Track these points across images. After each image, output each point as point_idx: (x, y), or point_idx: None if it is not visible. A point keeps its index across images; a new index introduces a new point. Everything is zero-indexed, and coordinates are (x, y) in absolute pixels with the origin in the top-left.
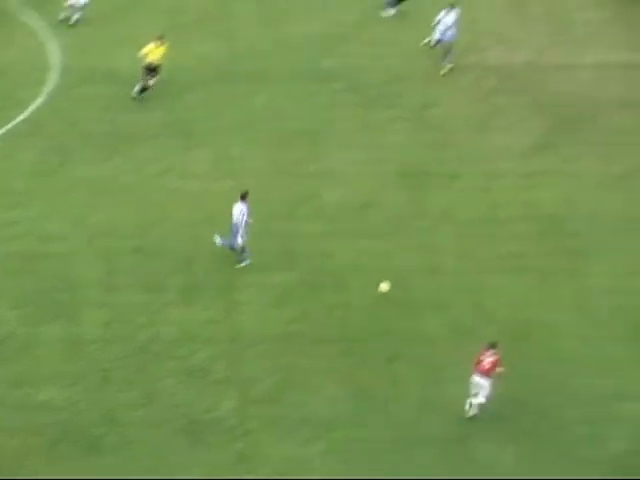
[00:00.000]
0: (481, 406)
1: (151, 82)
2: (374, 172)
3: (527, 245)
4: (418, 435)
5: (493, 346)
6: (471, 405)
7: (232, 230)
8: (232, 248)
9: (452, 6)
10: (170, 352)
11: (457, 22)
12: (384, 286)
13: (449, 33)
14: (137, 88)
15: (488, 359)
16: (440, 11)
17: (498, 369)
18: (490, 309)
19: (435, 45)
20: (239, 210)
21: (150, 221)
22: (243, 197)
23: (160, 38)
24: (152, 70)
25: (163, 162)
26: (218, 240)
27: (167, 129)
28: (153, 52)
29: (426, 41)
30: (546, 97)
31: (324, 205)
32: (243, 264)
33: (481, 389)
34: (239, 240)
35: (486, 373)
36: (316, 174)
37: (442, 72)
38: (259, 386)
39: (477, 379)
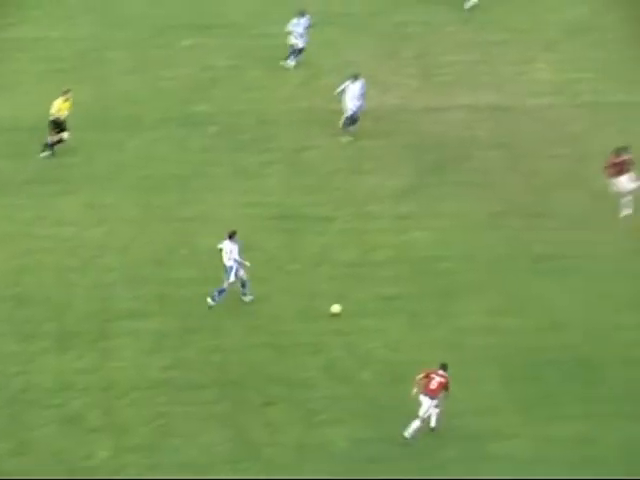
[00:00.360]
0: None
1: (65, 135)
2: (249, 216)
3: (401, 286)
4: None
5: (444, 368)
6: (413, 426)
7: (225, 270)
8: (242, 284)
9: (356, 77)
10: (45, 401)
11: (364, 92)
12: (335, 307)
13: (358, 104)
14: (47, 142)
15: (436, 379)
16: (345, 81)
17: (445, 391)
18: (366, 351)
19: (348, 119)
20: (228, 250)
21: (23, 268)
22: (231, 236)
23: (66, 93)
24: (58, 125)
25: (36, 209)
26: (212, 302)
27: (41, 176)
28: (60, 107)
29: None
30: (418, 139)
31: (199, 250)
32: (248, 298)
33: (425, 408)
34: (232, 278)
35: (432, 393)
36: (190, 219)
37: (344, 140)
38: (135, 433)
39: (423, 399)
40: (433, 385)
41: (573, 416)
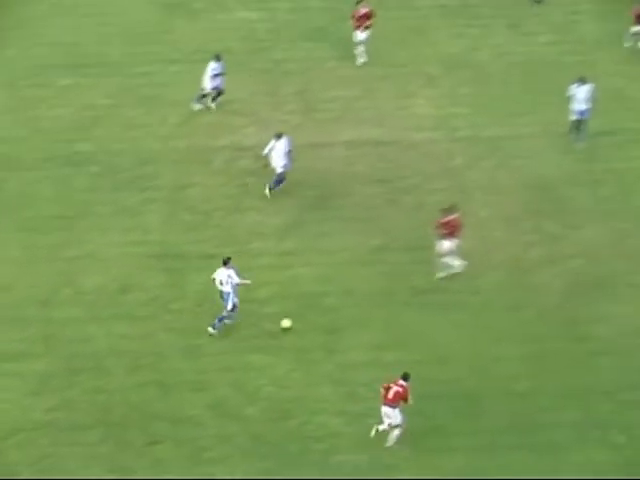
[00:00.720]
0: (397, 437)
1: None
2: (132, 255)
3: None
4: None
5: (405, 378)
6: (377, 430)
7: (223, 298)
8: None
9: (279, 136)
10: None
11: (290, 150)
12: (286, 322)
13: (284, 163)
14: None
15: (394, 389)
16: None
17: (403, 400)
18: (252, 388)
19: (276, 178)
20: (226, 276)
21: None
22: (225, 263)
23: None
24: None
25: None
26: (213, 331)
27: None
28: None
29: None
30: (299, 175)
31: (82, 290)
32: (227, 321)
33: (389, 418)
34: (229, 305)
35: (391, 402)
36: (74, 258)
37: (266, 192)
38: (20, 475)
39: (385, 409)
40: (390, 395)
41: (458, 448)
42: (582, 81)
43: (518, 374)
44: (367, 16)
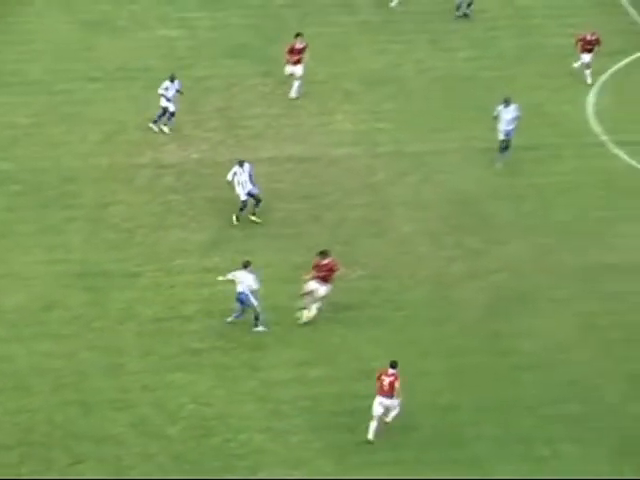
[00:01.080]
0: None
1: None
2: (54, 273)
3: (210, 340)
4: None
5: (393, 366)
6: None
7: (243, 299)
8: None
9: (242, 163)
10: None
11: (252, 176)
12: (306, 313)
13: (249, 188)
14: None
15: (387, 379)
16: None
17: (397, 388)
18: (174, 406)
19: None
20: (252, 278)
21: None
22: (246, 266)
23: None
24: None
25: None
26: (263, 328)
27: None
28: None
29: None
30: (221, 193)
31: (4, 309)
32: (261, 328)
33: (390, 409)
34: (255, 303)
35: (388, 394)
36: None
37: (234, 221)
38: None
39: (382, 400)
40: (386, 385)
41: (383, 463)
42: (507, 102)
43: (441, 388)
44: (302, 51)
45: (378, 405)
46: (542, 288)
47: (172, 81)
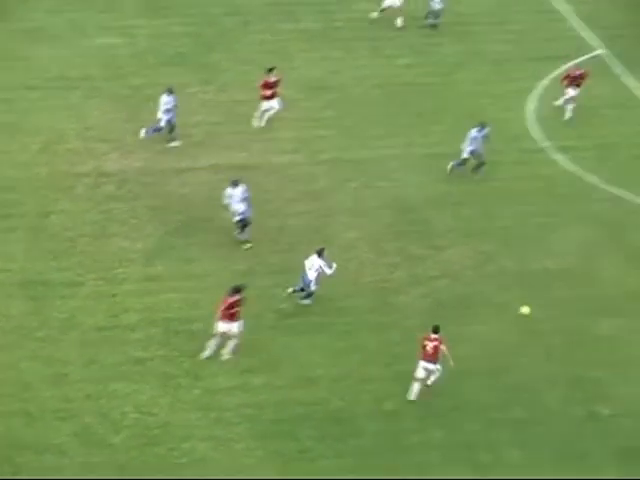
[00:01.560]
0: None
1: None
2: None
3: (153, 349)
4: None
5: (436, 331)
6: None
7: (307, 279)
8: (302, 289)
9: (235, 183)
10: None
11: (247, 197)
12: (525, 309)
13: (243, 209)
14: None
15: (431, 344)
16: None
17: (442, 351)
18: (118, 416)
19: (238, 225)
20: (318, 265)
21: None
22: (320, 253)
23: None
24: None
25: None
26: (291, 289)
27: None
28: None
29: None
30: (163, 201)
31: None
32: (307, 301)
33: (432, 374)
34: (313, 287)
35: (431, 358)
36: None
37: (245, 247)
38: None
39: (425, 365)
40: (430, 349)
41: (328, 469)
42: (482, 125)
43: (384, 395)
44: (276, 84)
45: (421, 369)
46: (483, 294)
47: (169, 94)
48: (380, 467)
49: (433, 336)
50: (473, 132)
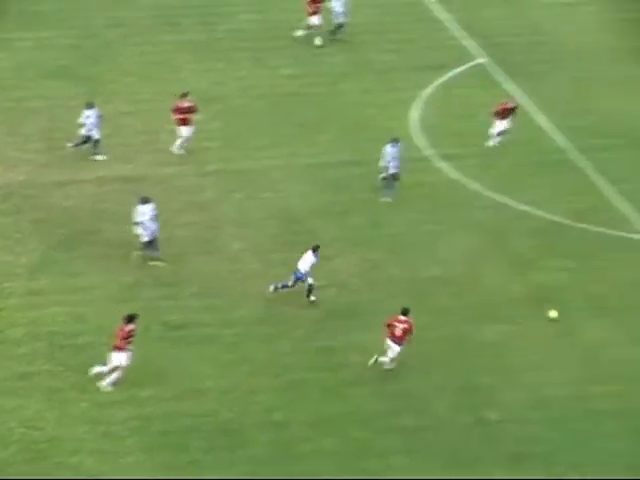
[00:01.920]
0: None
1: None
2: None
3: (38, 363)
4: None
5: (405, 313)
6: (376, 360)
7: (298, 275)
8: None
9: (145, 200)
10: None
11: (155, 215)
12: (553, 313)
13: (153, 228)
14: None
15: (400, 326)
16: None
17: (410, 334)
18: (5, 431)
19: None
20: (309, 260)
21: None
22: (315, 250)
23: None
24: None
25: None
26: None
27: None
28: None
29: None
30: (47, 214)
31: None
32: (312, 297)
33: (391, 352)
34: (310, 280)
35: (398, 340)
36: None
37: (158, 263)
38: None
39: (391, 345)
40: (398, 332)
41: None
42: (395, 141)
43: (274, 405)
44: (189, 110)
45: (387, 347)
46: (371, 302)
47: (90, 108)
48: (271, 476)
49: (403, 318)
50: (388, 148)
